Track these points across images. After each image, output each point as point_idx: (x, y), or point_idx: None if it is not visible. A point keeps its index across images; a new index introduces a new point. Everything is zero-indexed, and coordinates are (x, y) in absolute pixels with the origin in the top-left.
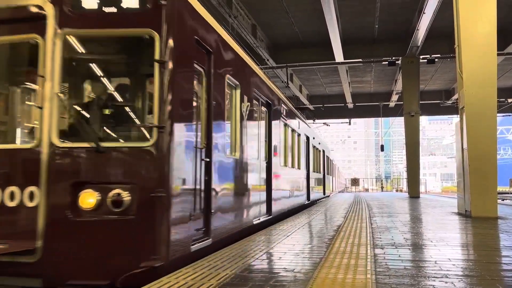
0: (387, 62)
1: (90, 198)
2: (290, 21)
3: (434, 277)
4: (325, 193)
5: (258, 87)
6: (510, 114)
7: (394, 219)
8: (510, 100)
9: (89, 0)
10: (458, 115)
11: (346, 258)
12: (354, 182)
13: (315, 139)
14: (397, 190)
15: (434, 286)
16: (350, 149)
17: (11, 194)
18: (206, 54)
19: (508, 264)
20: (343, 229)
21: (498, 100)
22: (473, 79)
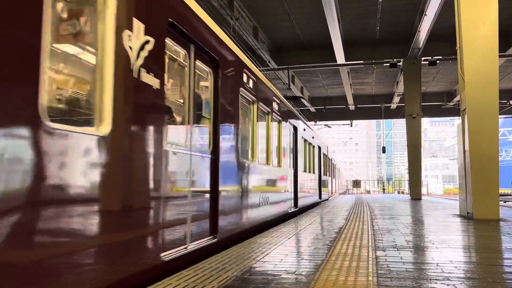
0: (389, 64)
1: None
2: (292, 23)
3: (436, 279)
4: (321, 196)
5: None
6: None
7: (396, 221)
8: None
9: None
10: (460, 117)
11: (348, 260)
12: (356, 184)
13: (307, 132)
14: (398, 192)
15: None
16: (352, 150)
17: None
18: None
19: (510, 266)
20: (345, 231)
21: (500, 101)
22: (474, 81)
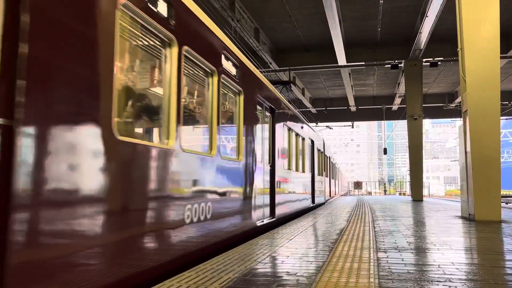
0: (390, 65)
1: None
2: (293, 24)
3: (438, 281)
4: (314, 201)
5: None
6: None
7: (397, 223)
8: None
9: None
10: (461, 118)
11: (349, 262)
12: (357, 185)
13: (293, 120)
14: (400, 194)
15: None
16: (353, 152)
17: None
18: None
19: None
20: (346, 232)
21: (501, 103)
22: (476, 82)
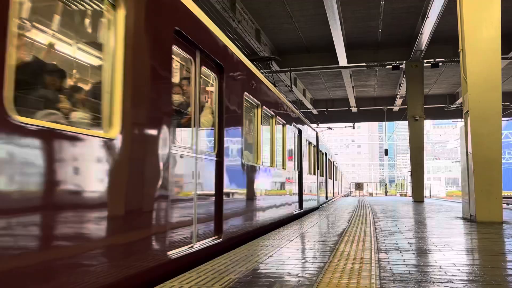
0: (391, 66)
1: None
2: (294, 25)
3: (439, 282)
4: (302, 205)
5: None
6: None
7: (399, 224)
8: None
9: None
10: (463, 119)
11: (350, 263)
12: (358, 186)
13: (266, 97)
14: (401, 195)
15: None
16: (354, 153)
17: None
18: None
19: None
20: (347, 233)
21: (502, 104)
22: (477, 83)
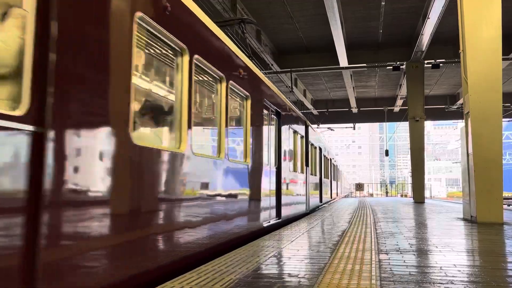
0: (392, 67)
1: None
2: (295, 26)
3: (440, 283)
4: (281, 213)
5: None
6: None
7: (399, 225)
8: None
9: None
10: (463, 120)
11: (351, 264)
12: (359, 187)
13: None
14: (402, 195)
15: None
16: (355, 154)
17: None
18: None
19: None
20: (348, 234)
21: (503, 105)
22: (478, 84)
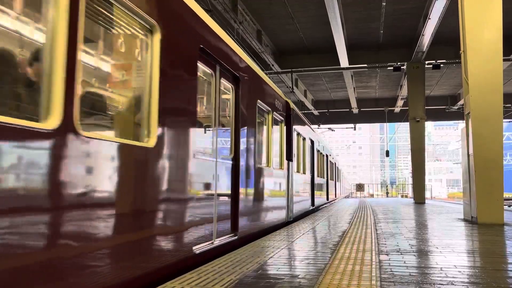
0: (392, 68)
1: None
2: (295, 26)
3: (440, 284)
4: (237, 224)
5: None
6: None
7: (400, 225)
8: None
9: None
10: (464, 121)
11: (351, 264)
12: (359, 187)
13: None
14: (402, 196)
15: None
16: (355, 154)
17: None
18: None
19: None
20: (348, 234)
21: (504, 106)
22: (478, 85)
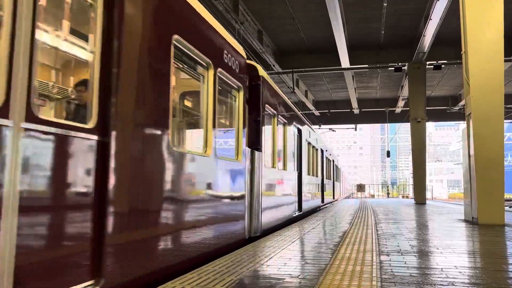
0: (393, 68)
1: None
2: (296, 27)
3: (441, 284)
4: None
5: None
6: None
7: (400, 226)
8: None
9: None
10: (465, 121)
11: (352, 265)
12: (360, 188)
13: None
14: (403, 196)
15: None
16: (356, 154)
17: None
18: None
19: None
20: (349, 235)
21: (505, 106)
22: (480, 85)
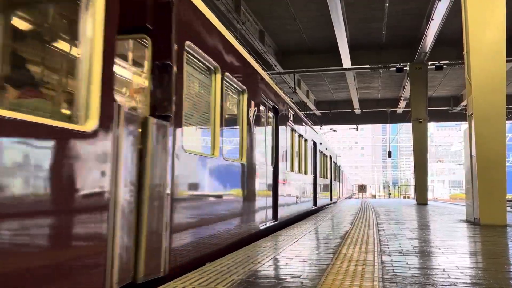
0: (395, 68)
1: None
2: (298, 27)
3: (442, 285)
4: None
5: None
6: None
7: (402, 226)
8: None
9: None
10: (467, 122)
11: (353, 265)
12: (361, 188)
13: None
14: (404, 197)
15: None
16: (357, 155)
17: None
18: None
19: None
20: (350, 235)
21: (507, 106)
22: (481, 86)
